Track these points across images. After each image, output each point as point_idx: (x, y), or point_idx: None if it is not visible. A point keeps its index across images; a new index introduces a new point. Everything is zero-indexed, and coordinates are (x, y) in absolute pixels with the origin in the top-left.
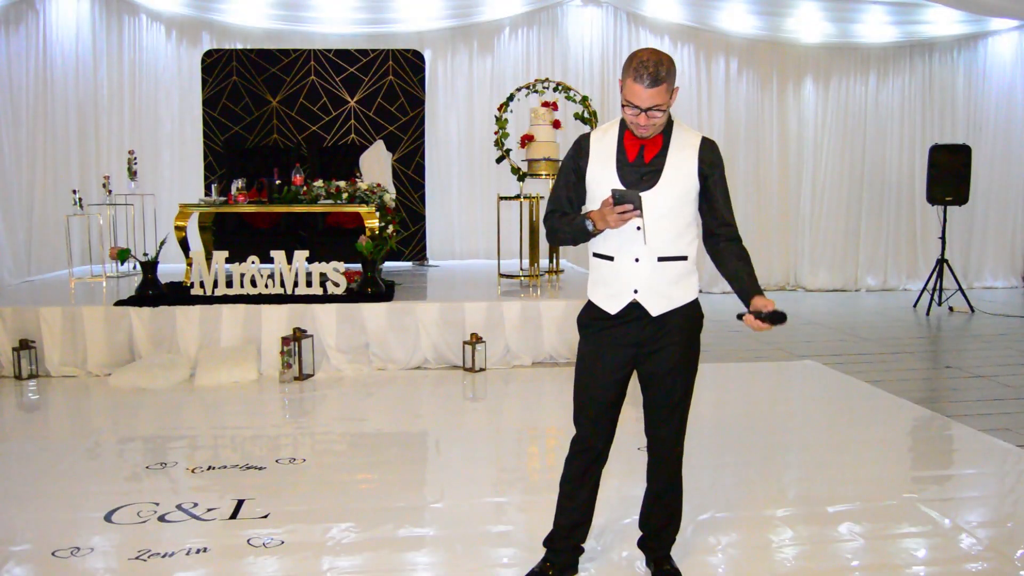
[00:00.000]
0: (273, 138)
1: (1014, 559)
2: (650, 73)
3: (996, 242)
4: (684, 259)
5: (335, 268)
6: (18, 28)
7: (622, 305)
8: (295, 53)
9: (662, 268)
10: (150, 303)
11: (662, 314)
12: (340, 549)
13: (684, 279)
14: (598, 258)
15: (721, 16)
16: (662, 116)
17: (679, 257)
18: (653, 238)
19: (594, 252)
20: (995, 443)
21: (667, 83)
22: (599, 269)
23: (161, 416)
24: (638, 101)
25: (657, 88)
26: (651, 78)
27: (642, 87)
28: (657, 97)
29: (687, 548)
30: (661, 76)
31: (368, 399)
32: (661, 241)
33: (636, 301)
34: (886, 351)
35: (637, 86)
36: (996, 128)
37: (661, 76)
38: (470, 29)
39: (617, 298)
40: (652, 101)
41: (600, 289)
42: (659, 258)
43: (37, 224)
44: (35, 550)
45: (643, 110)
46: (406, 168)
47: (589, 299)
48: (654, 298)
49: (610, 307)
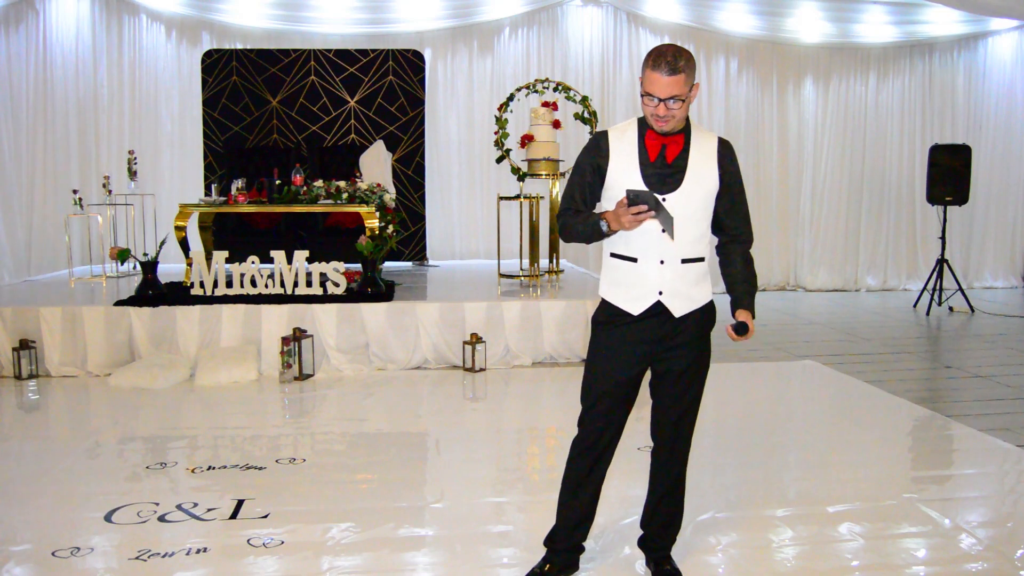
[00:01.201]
0: (273, 138)
1: (1014, 559)
2: (668, 62)
3: (996, 242)
4: (702, 260)
5: (335, 268)
6: (18, 28)
7: (646, 307)
8: (295, 53)
9: (685, 270)
10: (150, 303)
11: (684, 315)
12: (340, 549)
13: (703, 280)
14: (618, 259)
15: (721, 16)
16: (681, 108)
17: (699, 259)
18: (679, 239)
19: (612, 253)
20: (995, 443)
21: (685, 74)
22: (619, 270)
23: (161, 416)
24: (656, 90)
25: (675, 77)
26: (669, 67)
27: (660, 75)
28: (675, 87)
29: (687, 548)
30: (680, 66)
31: (368, 399)
32: (685, 242)
33: (660, 302)
34: (886, 351)
35: (655, 74)
36: (996, 128)
37: (680, 66)
38: (470, 29)
39: (641, 300)
40: (670, 91)
41: (620, 291)
42: (683, 260)
43: (37, 224)
44: (35, 550)
45: (661, 100)
46: (406, 168)
47: (605, 299)
48: (678, 300)
49: (633, 308)
